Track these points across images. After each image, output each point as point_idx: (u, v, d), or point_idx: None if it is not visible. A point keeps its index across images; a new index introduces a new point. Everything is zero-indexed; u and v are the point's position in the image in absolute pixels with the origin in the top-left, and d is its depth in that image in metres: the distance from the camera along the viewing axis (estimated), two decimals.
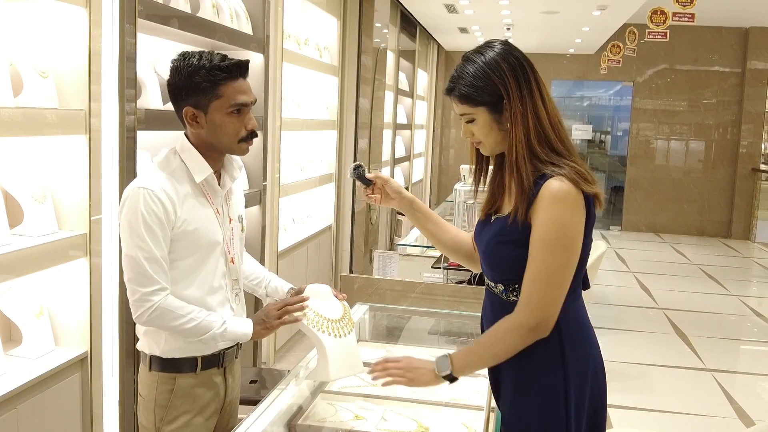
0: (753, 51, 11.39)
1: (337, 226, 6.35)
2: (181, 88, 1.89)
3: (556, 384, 1.70)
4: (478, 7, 8.20)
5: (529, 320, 1.65)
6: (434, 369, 1.76)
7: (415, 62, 10.09)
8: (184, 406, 1.96)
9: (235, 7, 3.83)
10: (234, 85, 1.88)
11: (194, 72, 1.86)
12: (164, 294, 1.84)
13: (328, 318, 2.04)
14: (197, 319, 1.87)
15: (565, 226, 1.63)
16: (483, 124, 1.72)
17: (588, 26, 9.33)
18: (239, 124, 1.91)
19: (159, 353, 1.95)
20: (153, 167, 1.94)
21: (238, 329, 1.94)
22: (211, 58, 1.87)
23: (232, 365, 2.09)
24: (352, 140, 6.40)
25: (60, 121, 2.39)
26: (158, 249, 1.83)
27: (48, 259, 2.38)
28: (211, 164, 1.95)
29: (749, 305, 7.24)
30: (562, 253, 1.63)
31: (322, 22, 5.89)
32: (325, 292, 2.10)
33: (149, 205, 1.82)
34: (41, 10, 2.44)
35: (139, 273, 1.82)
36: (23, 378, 2.27)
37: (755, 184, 11.51)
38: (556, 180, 1.64)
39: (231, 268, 2.02)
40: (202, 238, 1.92)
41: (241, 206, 2.13)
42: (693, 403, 4.57)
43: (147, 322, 1.87)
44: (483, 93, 1.69)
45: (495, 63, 1.69)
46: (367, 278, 3.10)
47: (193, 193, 1.92)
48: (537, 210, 1.64)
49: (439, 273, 4.04)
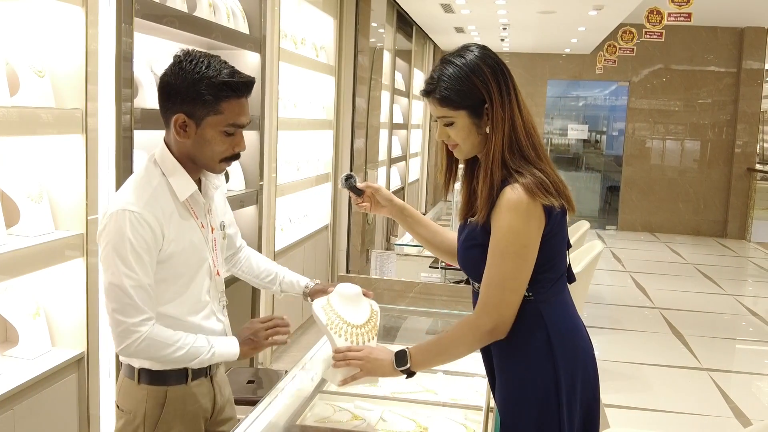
0: (748, 51, 11.42)
1: (334, 226, 6.34)
2: (178, 92, 1.74)
3: (547, 377, 1.72)
4: (474, 6, 8.21)
5: (486, 323, 1.71)
6: (392, 362, 1.80)
7: (411, 62, 10.09)
8: (176, 419, 1.87)
9: (232, 7, 3.82)
10: (237, 103, 1.76)
11: (199, 81, 1.72)
12: (151, 324, 1.73)
13: (350, 323, 1.95)
14: (185, 347, 1.77)
15: (518, 234, 1.66)
16: (462, 127, 1.72)
17: (584, 26, 9.34)
18: (229, 144, 1.79)
19: (149, 366, 1.84)
20: (133, 184, 1.78)
21: (225, 351, 1.86)
22: (220, 70, 1.74)
23: (218, 371, 2.02)
24: (349, 140, 6.40)
25: (56, 120, 2.38)
26: (146, 276, 1.72)
27: (44, 259, 2.37)
28: (191, 175, 1.83)
29: (745, 304, 7.27)
30: (515, 260, 1.67)
31: (319, 21, 5.88)
32: (354, 295, 2.00)
33: (136, 230, 1.69)
34: (38, 10, 2.43)
35: (126, 303, 1.70)
36: (19, 379, 2.26)
37: (750, 184, 11.55)
38: (511, 189, 1.66)
39: (216, 281, 1.94)
40: (191, 258, 1.83)
41: (221, 213, 2.01)
42: (689, 402, 4.58)
43: (134, 354, 1.75)
44: (465, 97, 1.69)
45: (477, 66, 1.69)
46: (364, 278, 3.09)
47: (177, 209, 1.80)
48: (494, 216, 1.69)
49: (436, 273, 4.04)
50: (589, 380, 1.79)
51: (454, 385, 2.40)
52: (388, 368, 1.81)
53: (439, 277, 3.94)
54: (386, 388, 2.34)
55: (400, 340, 3.04)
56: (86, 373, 2.55)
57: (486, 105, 1.69)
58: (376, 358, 1.83)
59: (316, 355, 2.52)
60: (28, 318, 2.43)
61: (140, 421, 1.84)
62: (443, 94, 1.70)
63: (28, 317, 2.44)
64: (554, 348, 1.72)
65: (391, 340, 3.03)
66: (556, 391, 1.71)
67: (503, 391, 1.79)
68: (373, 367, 1.83)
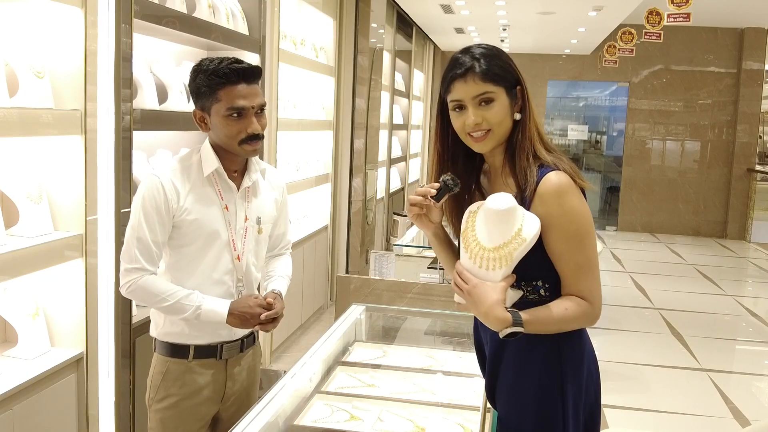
0: (748, 52, 11.42)
1: (334, 227, 6.35)
2: (191, 92, 2.03)
3: (552, 380, 1.70)
4: (474, 7, 8.21)
5: (596, 312, 1.69)
6: (504, 319, 1.60)
7: (411, 62, 10.09)
8: (173, 389, 2.06)
9: (232, 8, 3.83)
10: (233, 89, 1.95)
11: (196, 77, 1.98)
12: (141, 274, 1.96)
13: (480, 242, 1.68)
14: (172, 300, 1.97)
15: (585, 215, 1.67)
16: (501, 107, 1.69)
17: (584, 27, 9.34)
18: (239, 126, 1.97)
19: (156, 335, 2.09)
20: (173, 159, 2.10)
21: (211, 313, 2.00)
22: (219, 63, 1.96)
23: (238, 358, 2.13)
24: (348, 140, 6.41)
25: (56, 121, 2.39)
26: (150, 233, 1.96)
27: (44, 259, 2.38)
28: (227, 163, 2.05)
29: (744, 305, 7.26)
30: (592, 239, 1.68)
31: (319, 22, 5.88)
32: (498, 211, 1.64)
33: (151, 192, 1.96)
34: (37, 11, 2.44)
35: (127, 250, 1.98)
36: (19, 379, 2.26)
37: (750, 185, 11.55)
38: (556, 174, 1.65)
39: (236, 265, 2.07)
40: (202, 227, 2.01)
41: (263, 209, 2.16)
42: (688, 402, 4.58)
43: (127, 294, 2.01)
44: (505, 73, 1.69)
45: (507, 54, 1.73)
46: (363, 279, 3.10)
47: (201, 185, 2.03)
48: (548, 204, 1.64)
49: (435, 273, 4.04)
50: (593, 383, 1.78)
51: (451, 386, 2.40)
52: (487, 312, 1.61)
53: (438, 277, 3.94)
54: (383, 389, 2.35)
55: (399, 341, 3.04)
56: (85, 373, 2.56)
57: (518, 87, 1.71)
58: (479, 296, 1.63)
59: (315, 355, 2.53)
60: (28, 318, 2.44)
61: (149, 384, 2.10)
62: (484, 68, 1.67)
63: (28, 317, 2.44)
64: (562, 350, 1.71)
65: (390, 341, 3.03)
66: (561, 393, 1.70)
67: (506, 392, 1.77)
68: (474, 305, 1.65)
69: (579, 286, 1.67)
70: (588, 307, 1.68)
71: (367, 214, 6.94)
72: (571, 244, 1.65)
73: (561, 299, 1.68)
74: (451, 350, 2.84)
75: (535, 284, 1.70)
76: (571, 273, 1.67)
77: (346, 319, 2.91)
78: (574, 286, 1.67)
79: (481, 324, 1.82)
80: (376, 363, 2.62)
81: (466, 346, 2.88)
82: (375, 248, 7.38)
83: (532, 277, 1.69)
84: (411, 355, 2.71)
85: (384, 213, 8.45)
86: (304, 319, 5.50)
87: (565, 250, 1.66)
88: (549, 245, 1.67)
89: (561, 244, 1.65)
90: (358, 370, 2.52)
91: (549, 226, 1.65)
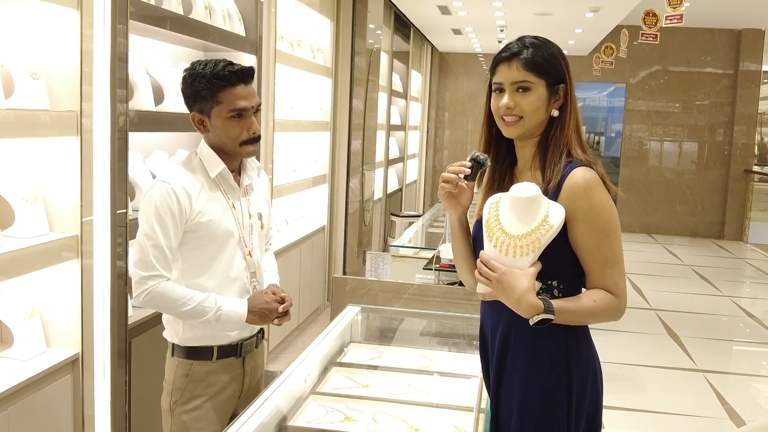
0: (745, 53, 11.44)
1: (331, 228, 6.35)
2: (187, 95, 2.04)
3: (560, 384, 1.71)
4: (471, 8, 8.22)
5: (621, 306, 1.70)
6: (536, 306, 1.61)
7: (408, 63, 10.10)
8: (198, 390, 2.08)
9: (228, 9, 3.83)
10: (233, 91, 2.00)
11: (197, 81, 2.00)
12: (159, 281, 1.98)
13: (506, 230, 1.67)
14: (191, 304, 1.99)
15: (612, 210, 1.69)
16: (537, 97, 1.71)
17: (581, 28, 9.35)
18: (240, 127, 2.03)
19: (177, 342, 2.10)
20: (175, 166, 2.11)
21: (232, 314, 2.04)
22: (214, 66, 1.99)
23: (254, 354, 2.21)
24: (346, 141, 6.41)
25: (51, 122, 2.39)
26: (165, 239, 1.98)
27: (39, 260, 2.38)
28: (227, 164, 2.09)
29: (741, 306, 7.28)
30: (618, 234, 1.70)
31: (316, 23, 5.89)
32: (524, 199, 1.66)
33: (164, 198, 1.98)
34: (32, 12, 2.44)
35: (142, 258, 1.98)
36: (14, 380, 2.27)
37: (748, 186, 11.56)
38: (584, 170, 1.69)
39: (249, 261, 2.14)
40: (217, 228, 2.05)
41: (261, 205, 2.24)
42: (685, 403, 4.59)
43: (143, 304, 2.00)
44: (550, 67, 1.72)
45: (560, 51, 1.76)
46: (359, 279, 3.10)
47: (209, 187, 2.07)
48: (576, 198, 1.66)
49: (431, 274, 4.04)
50: (597, 388, 1.79)
51: (445, 386, 2.41)
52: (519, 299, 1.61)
53: (434, 278, 3.94)
54: (379, 390, 2.36)
55: (395, 342, 3.05)
56: (81, 374, 2.56)
57: (562, 85, 1.73)
58: (509, 283, 1.62)
59: (310, 356, 2.53)
60: (23, 319, 2.44)
61: (171, 388, 2.10)
62: (529, 57, 1.70)
63: (23, 318, 2.44)
64: (570, 354, 1.71)
65: (386, 342, 3.04)
66: (568, 396, 1.70)
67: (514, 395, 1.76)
68: (503, 292, 1.64)
69: (606, 281, 1.68)
70: (614, 301, 1.69)
71: (364, 215, 6.95)
72: (601, 238, 1.67)
73: (589, 291, 1.70)
74: (446, 351, 2.85)
75: (550, 284, 1.70)
76: (598, 267, 1.68)
77: (341, 320, 2.91)
78: (601, 280, 1.68)
79: (490, 320, 1.81)
80: (371, 364, 2.63)
81: (462, 347, 2.89)
82: (372, 249, 7.38)
83: (547, 276, 1.69)
84: (406, 355, 2.72)
85: (381, 214, 8.45)
86: (301, 320, 5.51)
87: (593, 244, 1.67)
88: (576, 239, 1.68)
89: (590, 238, 1.67)
90: (353, 370, 2.52)
91: (576, 220, 1.66)
